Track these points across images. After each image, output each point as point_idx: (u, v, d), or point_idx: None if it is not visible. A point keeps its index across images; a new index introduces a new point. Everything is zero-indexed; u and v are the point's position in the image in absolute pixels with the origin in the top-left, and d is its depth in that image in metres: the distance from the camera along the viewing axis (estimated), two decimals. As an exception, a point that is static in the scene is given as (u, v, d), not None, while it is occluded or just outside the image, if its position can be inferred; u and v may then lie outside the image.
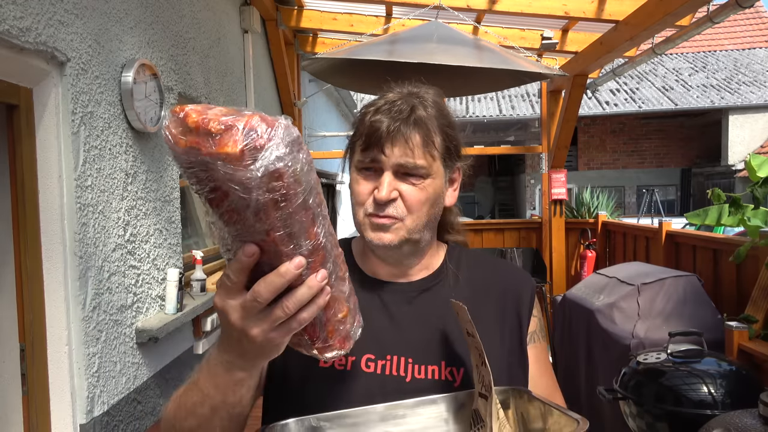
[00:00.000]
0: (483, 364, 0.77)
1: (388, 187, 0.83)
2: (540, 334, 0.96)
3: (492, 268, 0.99)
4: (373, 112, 0.86)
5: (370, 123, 0.84)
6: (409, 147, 0.83)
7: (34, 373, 1.87)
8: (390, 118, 0.83)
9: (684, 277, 2.64)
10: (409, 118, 0.84)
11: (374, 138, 0.83)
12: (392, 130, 0.83)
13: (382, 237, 0.85)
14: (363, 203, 0.86)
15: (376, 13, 4.48)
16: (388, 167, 0.84)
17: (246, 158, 0.51)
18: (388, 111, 0.84)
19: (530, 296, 0.96)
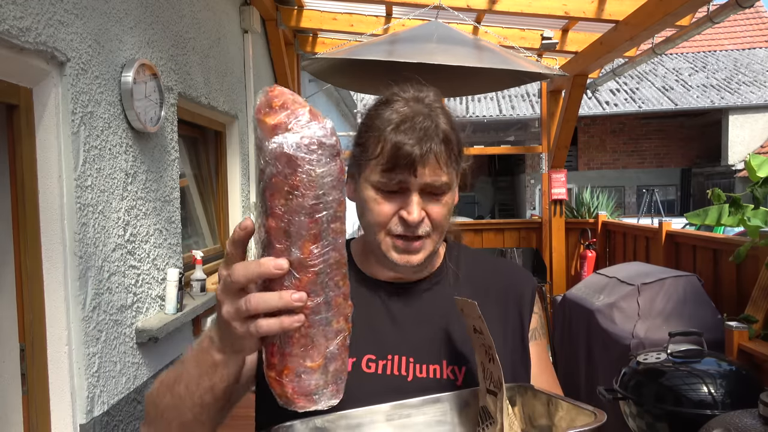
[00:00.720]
0: (491, 360, 0.76)
1: (419, 209, 0.82)
2: (541, 331, 0.96)
3: (492, 266, 0.99)
4: (393, 130, 0.81)
5: (396, 143, 0.80)
6: (439, 166, 0.81)
7: (34, 373, 1.86)
8: (418, 138, 0.80)
9: (684, 277, 2.64)
10: (437, 136, 0.81)
11: (404, 160, 0.80)
12: (424, 152, 0.80)
13: (411, 259, 0.84)
14: (385, 224, 0.84)
15: (376, 13, 4.47)
16: (415, 188, 0.82)
17: (274, 131, 0.57)
18: (412, 129, 0.80)
19: (531, 294, 0.96)
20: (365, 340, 0.86)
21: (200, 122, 3.33)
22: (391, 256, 0.85)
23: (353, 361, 0.85)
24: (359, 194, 0.86)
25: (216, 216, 3.68)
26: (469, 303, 0.79)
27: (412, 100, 0.85)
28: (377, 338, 0.87)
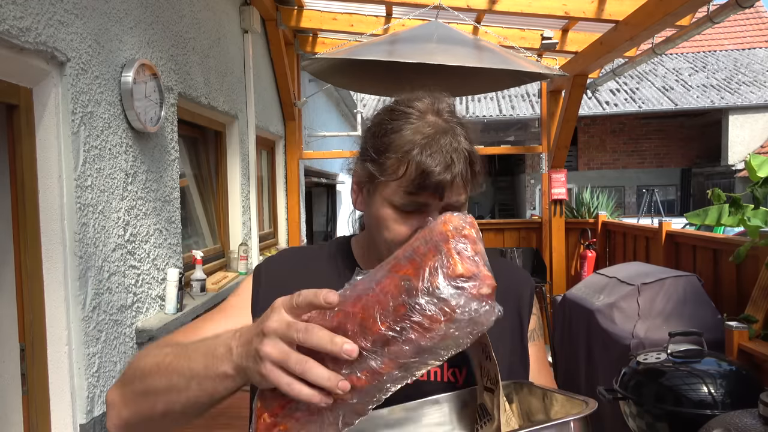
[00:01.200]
0: (488, 358, 0.76)
1: None
2: (538, 333, 0.96)
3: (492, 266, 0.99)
4: (419, 154, 0.78)
5: (423, 170, 0.78)
6: (463, 187, 0.81)
7: (34, 373, 1.86)
8: (445, 165, 0.78)
9: (684, 277, 2.64)
10: (463, 159, 0.80)
11: (431, 188, 0.78)
12: (453, 179, 0.78)
13: None
14: (403, 242, 0.82)
15: (376, 13, 4.48)
16: (437, 208, 0.81)
17: (454, 279, 0.58)
18: (439, 153, 0.78)
19: (530, 294, 0.96)
20: None
21: (200, 122, 3.33)
22: None
23: None
24: (374, 210, 0.85)
25: (216, 216, 3.68)
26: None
27: (431, 113, 0.83)
28: None
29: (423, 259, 0.60)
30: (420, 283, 0.58)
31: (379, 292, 0.60)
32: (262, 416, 0.63)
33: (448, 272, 0.58)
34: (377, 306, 0.59)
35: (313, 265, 0.95)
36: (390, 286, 0.60)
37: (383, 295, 0.59)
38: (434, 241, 0.61)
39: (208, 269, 3.28)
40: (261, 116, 4.29)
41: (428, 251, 0.60)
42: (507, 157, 18.73)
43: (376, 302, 0.59)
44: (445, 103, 0.85)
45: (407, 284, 0.59)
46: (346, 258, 0.95)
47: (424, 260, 0.59)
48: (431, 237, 0.62)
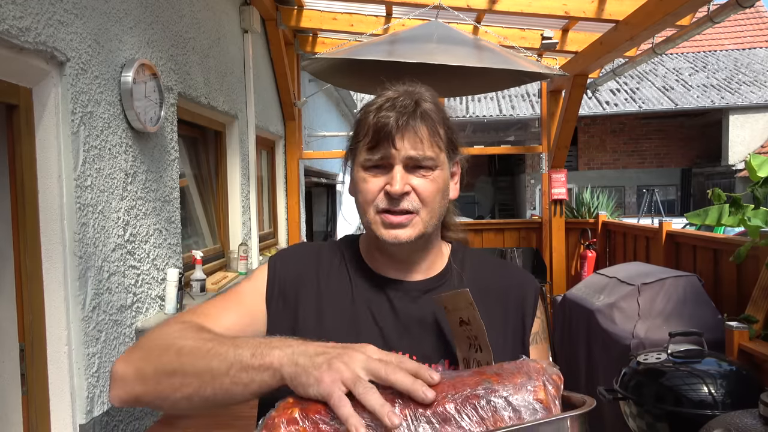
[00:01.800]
0: (478, 349, 0.77)
1: (402, 179, 0.84)
2: (542, 336, 0.96)
3: (496, 269, 0.99)
4: (376, 110, 0.86)
5: (377, 120, 0.84)
6: (419, 139, 0.84)
7: (34, 373, 1.86)
8: (397, 113, 0.84)
9: (684, 277, 2.64)
10: (416, 111, 0.84)
11: (383, 133, 0.83)
12: (401, 124, 0.83)
13: (399, 235, 0.85)
14: (373, 200, 0.86)
15: (376, 13, 4.47)
16: (398, 161, 0.84)
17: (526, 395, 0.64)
18: (393, 107, 0.85)
19: (534, 297, 0.96)
20: (370, 337, 0.87)
21: (200, 122, 3.33)
22: (380, 233, 0.86)
23: None
24: (353, 181, 0.89)
25: (216, 216, 3.68)
26: (457, 294, 0.79)
27: (400, 88, 0.89)
28: (383, 336, 0.88)
29: (510, 376, 0.65)
30: (501, 388, 0.63)
31: (458, 381, 0.65)
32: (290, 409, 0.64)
33: (531, 392, 0.63)
34: (452, 389, 0.63)
35: (325, 261, 0.96)
36: (470, 380, 0.65)
37: (461, 384, 0.64)
38: (526, 369, 0.66)
39: (207, 269, 3.28)
40: (261, 116, 4.29)
41: (517, 373, 0.66)
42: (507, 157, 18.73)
43: (452, 386, 0.64)
44: (422, 88, 0.90)
45: (488, 384, 0.64)
46: (353, 255, 0.97)
47: (511, 377, 0.65)
48: (523, 365, 0.67)
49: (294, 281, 0.92)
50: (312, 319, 0.89)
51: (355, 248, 0.98)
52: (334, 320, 0.89)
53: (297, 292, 0.91)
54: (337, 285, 0.93)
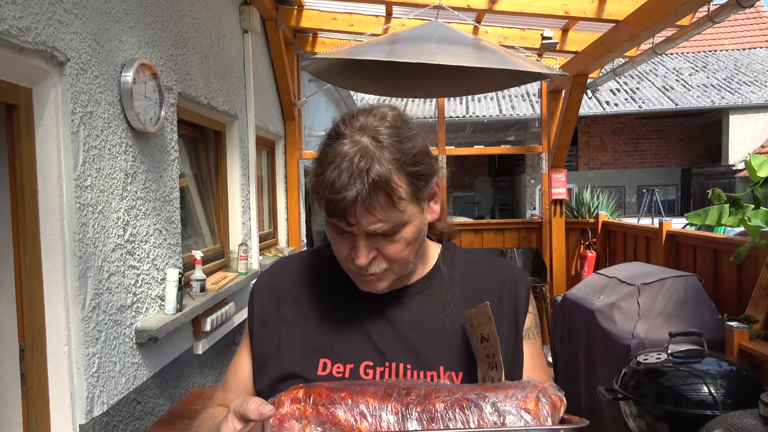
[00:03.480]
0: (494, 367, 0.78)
1: (364, 252, 0.81)
2: (535, 331, 0.96)
3: (487, 266, 0.98)
4: (329, 186, 0.77)
5: (327, 193, 0.77)
6: (374, 215, 0.78)
7: (34, 373, 1.86)
8: (347, 192, 0.75)
9: (684, 277, 2.64)
10: (365, 184, 0.75)
11: (337, 211, 0.78)
12: (351, 202, 0.76)
13: (375, 287, 0.86)
14: (344, 260, 0.86)
15: (376, 13, 4.48)
16: (359, 232, 0.80)
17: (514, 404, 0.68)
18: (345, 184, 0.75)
19: (526, 293, 0.95)
20: (363, 346, 0.86)
21: (200, 122, 3.33)
22: (359, 286, 0.88)
23: (351, 367, 0.85)
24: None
25: (216, 216, 3.68)
26: (480, 308, 0.80)
27: (356, 133, 0.80)
28: (375, 344, 0.87)
29: (506, 388, 0.69)
30: (492, 395, 0.67)
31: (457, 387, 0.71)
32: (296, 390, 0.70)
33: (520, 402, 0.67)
34: (448, 392, 0.68)
35: (305, 272, 0.96)
36: (467, 388, 0.70)
37: (458, 389, 0.70)
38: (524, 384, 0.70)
39: (207, 269, 3.28)
40: (261, 116, 4.29)
41: (514, 386, 0.70)
42: (507, 157, 18.74)
43: (449, 390, 0.69)
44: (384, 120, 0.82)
45: (480, 391, 0.69)
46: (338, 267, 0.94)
47: (506, 388, 0.69)
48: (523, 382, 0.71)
49: (272, 305, 0.93)
50: (299, 332, 0.90)
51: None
52: (321, 331, 0.89)
53: (278, 311, 0.92)
54: (321, 295, 0.93)
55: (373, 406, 0.66)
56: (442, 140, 5.32)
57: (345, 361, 0.86)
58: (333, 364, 0.86)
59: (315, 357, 0.86)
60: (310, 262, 0.98)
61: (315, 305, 0.91)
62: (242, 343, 0.98)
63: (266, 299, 0.95)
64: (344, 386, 0.71)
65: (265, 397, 0.82)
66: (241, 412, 0.68)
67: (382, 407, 0.66)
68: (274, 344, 0.90)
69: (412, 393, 0.68)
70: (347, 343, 0.87)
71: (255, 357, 0.92)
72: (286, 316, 0.91)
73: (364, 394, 0.68)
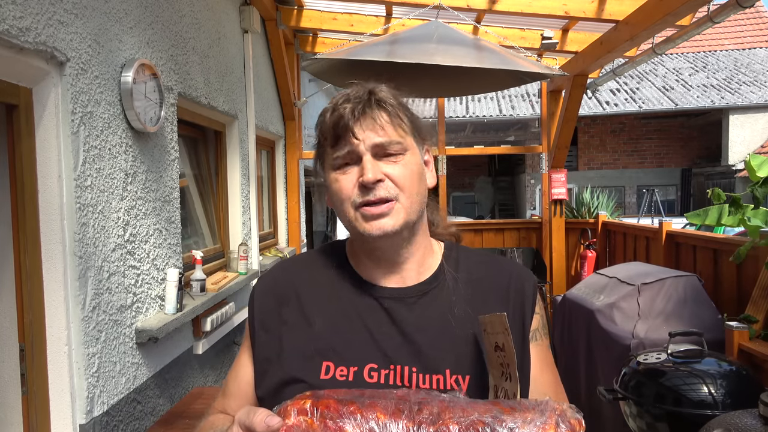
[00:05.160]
0: (508, 378, 0.76)
1: (373, 167, 0.83)
2: (542, 332, 0.94)
3: (492, 266, 0.96)
4: (331, 109, 0.86)
5: (333, 116, 0.85)
6: (379, 125, 0.84)
7: (34, 373, 1.86)
8: (352, 104, 0.84)
9: (684, 277, 2.64)
10: (371, 99, 0.85)
11: (342, 127, 0.83)
12: (358, 114, 0.83)
13: (383, 225, 0.83)
14: (349, 196, 0.84)
15: (376, 13, 4.48)
16: (364, 151, 0.83)
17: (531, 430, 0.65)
18: (347, 100, 0.85)
19: (533, 294, 0.93)
20: (367, 348, 0.84)
21: (200, 122, 3.33)
22: (363, 228, 0.84)
23: (355, 370, 0.83)
24: (327, 187, 0.89)
25: (216, 216, 3.68)
26: (496, 316, 0.78)
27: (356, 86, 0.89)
28: (380, 346, 0.84)
29: (523, 411, 0.66)
30: (509, 419, 0.64)
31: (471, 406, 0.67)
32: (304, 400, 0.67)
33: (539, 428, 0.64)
34: (462, 411, 0.65)
35: (308, 277, 0.94)
36: (482, 407, 0.67)
37: (473, 409, 0.66)
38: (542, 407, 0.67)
39: (207, 269, 3.28)
40: (261, 116, 4.29)
41: (532, 409, 0.66)
42: (507, 157, 18.74)
43: (463, 409, 0.66)
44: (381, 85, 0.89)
45: (497, 413, 0.65)
46: (340, 262, 0.94)
47: (524, 412, 0.66)
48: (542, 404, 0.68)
49: (273, 307, 0.91)
50: (300, 335, 0.87)
51: (342, 254, 0.95)
52: (324, 333, 0.86)
53: (279, 314, 0.90)
54: (323, 296, 0.90)
55: (383, 423, 0.63)
56: (442, 140, 5.32)
57: (348, 363, 0.83)
58: (336, 367, 0.83)
59: (318, 360, 0.84)
60: (311, 263, 0.96)
61: (317, 307, 0.89)
62: (242, 347, 0.96)
63: (267, 301, 0.92)
64: (353, 398, 0.68)
65: (267, 403, 0.81)
66: (247, 424, 0.65)
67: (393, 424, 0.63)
68: (275, 348, 0.87)
69: (425, 410, 0.65)
70: (351, 346, 0.84)
71: (256, 361, 0.90)
72: (287, 319, 0.89)
73: (374, 409, 0.66)
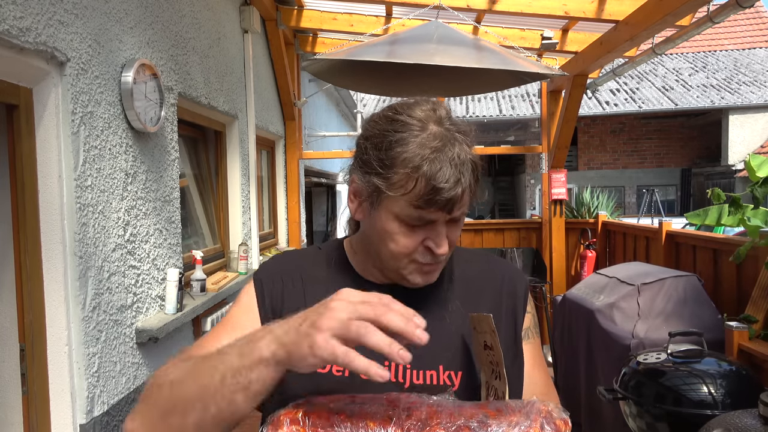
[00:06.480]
0: (498, 377, 0.77)
1: (446, 241, 0.82)
2: (534, 330, 0.96)
3: (485, 265, 0.98)
4: (429, 167, 0.76)
5: (433, 186, 0.76)
6: (470, 199, 0.81)
7: (34, 373, 1.86)
8: (455, 180, 0.76)
9: (684, 277, 2.64)
10: (469, 170, 0.79)
11: (442, 203, 0.77)
12: (462, 194, 0.78)
13: (431, 278, 0.86)
14: (410, 255, 0.83)
15: (376, 13, 4.47)
16: (444, 221, 0.81)
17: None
18: (449, 168, 0.76)
19: (524, 293, 0.95)
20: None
21: (200, 122, 3.33)
22: (414, 280, 0.85)
23: None
24: (379, 223, 0.84)
25: (216, 216, 3.68)
26: (484, 317, 0.79)
27: (432, 122, 0.80)
28: None
29: (509, 414, 0.68)
30: (494, 423, 0.66)
31: (458, 410, 0.68)
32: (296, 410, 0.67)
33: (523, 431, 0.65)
34: (449, 417, 0.66)
35: (309, 269, 0.94)
36: (468, 411, 0.68)
37: (458, 412, 0.67)
38: (528, 410, 0.68)
39: (208, 269, 3.28)
40: (261, 116, 4.29)
41: (517, 411, 0.68)
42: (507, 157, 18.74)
43: (450, 413, 0.67)
44: (444, 110, 0.83)
45: (483, 417, 0.66)
46: (341, 261, 0.95)
47: (509, 415, 0.67)
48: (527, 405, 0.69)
49: (280, 293, 0.91)
50: None
51: (342, 254, 0.96)
52: None
53: (283, 302, 0.90)
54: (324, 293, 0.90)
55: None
56: (442, 140, 5.31)
57: None
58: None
59: None
60: (311, 258, 0.96)
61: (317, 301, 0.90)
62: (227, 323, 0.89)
63: (275, 285, 0.92)
64: (344, 406, 0.69)
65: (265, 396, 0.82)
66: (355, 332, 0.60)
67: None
68: None
69: (413, 416, 0.67)
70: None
71: None
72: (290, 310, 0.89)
73: (364, 417, 0.67)
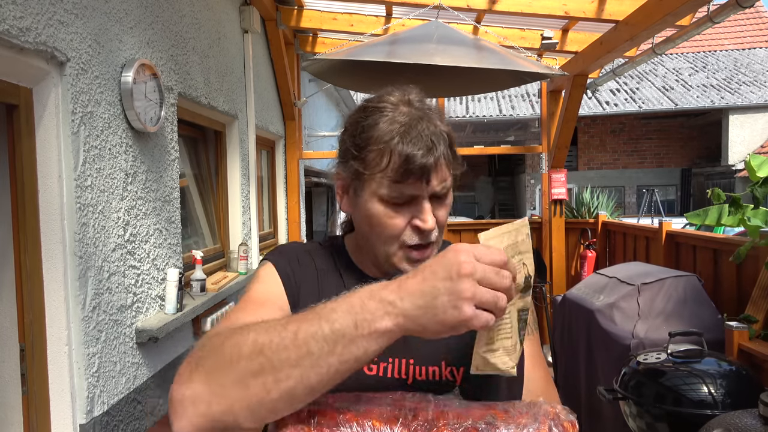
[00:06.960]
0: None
1: (432, 216, 0.82)
2: (532, 327, 0.96)
3: None
4: (399, 141, 0.79)
5: (406, 156, 0.79)
6: (446, 170, 0.83)
7: (34, 373, 1.86)
8: (426, 147, 0.79)
9: (684, 277, 2.64)
10: (443, 140, 0.81)
11: (417, 172, 0.79)
12: (436, 161, 0.80)
13: None
14: (399, 236, 0.83)
15: (376, 13, 4.48)
16: (426, 195, 0.82)
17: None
18: (419, 137, 0.79)
19: None
20: None
21: (200, 122, 3.33)
22: (404, 267, 0.84)
23: None
24: (363, 208, 0.85)
25: (216, 216, 3.68)
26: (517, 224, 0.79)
27: (402, 104, 0.84)
28: None
29: (517, 415, 0.67)
30: (502, 425, 0.65)
31: (466, 411, 0.67)
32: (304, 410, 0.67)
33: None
34: (457, 417, 0.66)
35: (316, 260, 0.95)
36: (476, 412, 0.68)
37: (467, 414, 0.67)
38: (536, 411, 0.68)
39: (208, 269, 3.28)
40: (261, 116, 4.29)
41: (525, 413, 0.67)
42: (507, 157, 18.75)
43: (458, 415, 0.67)
44: (414, 94, 0.87)
45: (491, 419, 0.66)
46: (343, 257, 0.96)
47: (518, 416, 0.67)
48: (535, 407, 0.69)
49: (298, 279, 0.91)
50: None
51: (343, 250, 0.97)
52: None
53: (299, 289, 0.90)
54: (331, 286, 0.92)
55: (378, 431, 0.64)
56: (442, 140, 5.31)
57: None
58: None
59: None
60: (316, 251, 0.97)
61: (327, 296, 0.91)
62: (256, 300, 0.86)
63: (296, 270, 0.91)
64: (350, 404, 0.68)
65: None
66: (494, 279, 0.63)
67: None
68: None
69: (420, 416, 0.66)
70: None
71: None
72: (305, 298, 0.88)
73: (370, 417, 0.66)
